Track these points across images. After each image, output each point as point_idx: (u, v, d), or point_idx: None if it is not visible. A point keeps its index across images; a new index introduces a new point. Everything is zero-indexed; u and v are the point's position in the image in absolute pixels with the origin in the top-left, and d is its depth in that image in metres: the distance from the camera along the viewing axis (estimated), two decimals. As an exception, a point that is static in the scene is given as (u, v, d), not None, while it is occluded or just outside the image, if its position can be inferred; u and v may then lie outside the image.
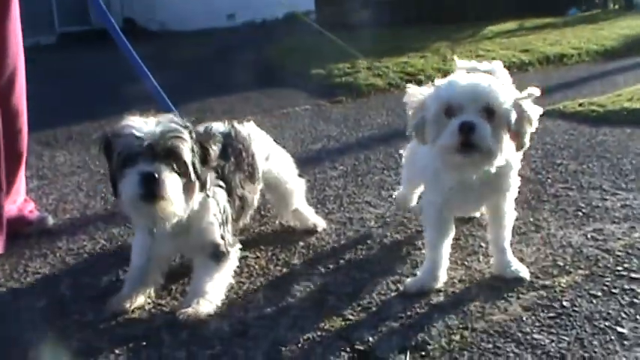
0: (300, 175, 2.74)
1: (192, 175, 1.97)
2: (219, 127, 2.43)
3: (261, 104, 5.78)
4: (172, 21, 14.17)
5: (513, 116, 1.95)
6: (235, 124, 2.49)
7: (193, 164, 1.97)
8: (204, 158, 2.02)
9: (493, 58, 7.08)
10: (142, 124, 1.92)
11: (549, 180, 3.28)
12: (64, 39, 13.63)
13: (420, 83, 6.18)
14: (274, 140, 2.72)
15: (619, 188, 3.10)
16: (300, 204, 2.73)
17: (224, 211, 2.19)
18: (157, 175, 1.86)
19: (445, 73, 6.47)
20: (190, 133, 1.98)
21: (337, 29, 9.58)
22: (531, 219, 2.76)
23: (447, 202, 2.16)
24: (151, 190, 1.87)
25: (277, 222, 2.85)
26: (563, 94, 5.69)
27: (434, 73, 6.65)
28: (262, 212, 2.92)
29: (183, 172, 1.94)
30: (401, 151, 2.88)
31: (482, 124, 1.87)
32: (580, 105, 4.88)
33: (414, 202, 2.86)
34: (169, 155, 1.91)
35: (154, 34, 12.72)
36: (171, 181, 1.89)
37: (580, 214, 2.80)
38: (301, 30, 10.83)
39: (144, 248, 2.17)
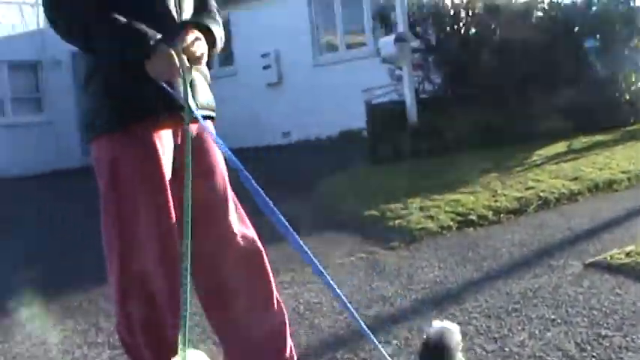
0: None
1: None
2: None
3: (319, 253, 6.01)
4: (229, 136, 14.72)
5: None
6: None
7: None
8: None
9: (542, 191, 7.37)
10: None
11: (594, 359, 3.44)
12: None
13: (471, 224, 6.49)
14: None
15: (659, 370, 3.25)
16: None
17: None
18: None
19: (495, 211, 6.75)
20: None
21: (386, 154, 10.02)
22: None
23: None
24: None
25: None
26: (611, 236, 5.85)
27: (485, 211, 6.89)
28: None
29: None
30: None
31: None
32: (627, 255, 5.02)
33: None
34: None
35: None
36: None
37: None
38: (354, 151, 11.25)
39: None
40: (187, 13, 2.92)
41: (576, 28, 12.16)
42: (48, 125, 17.05)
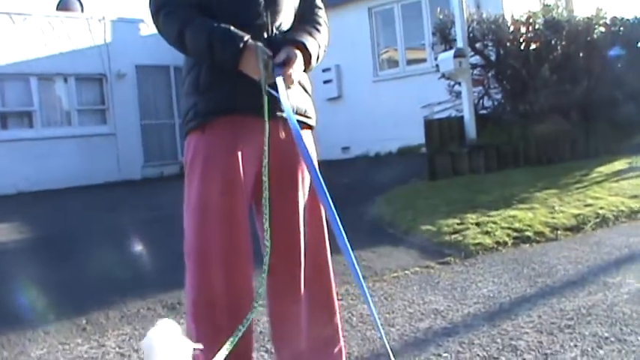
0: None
1: None
2: None
3: (374, 267, 6.08)
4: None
5: None
6: None
7: None
8: None
9: (601, 208, 7.29)
10: None
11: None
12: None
13: (527, 240, 6.46)
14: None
15: None
16: None
17: None
18: None
19: (552, 228, 6.71)
20: None
21: (444, 169, 10.02)
22: None
23: None
24: None
25: None
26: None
27: (541, 227, 6.86)
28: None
29: None
30: None
31: None
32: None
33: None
34: None
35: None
36: None
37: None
38: (412, 166, 11.26)
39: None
40: (284, 22, 2.94)
41: (639, 43, 12.02)
42: (111, 137, 17.43)
